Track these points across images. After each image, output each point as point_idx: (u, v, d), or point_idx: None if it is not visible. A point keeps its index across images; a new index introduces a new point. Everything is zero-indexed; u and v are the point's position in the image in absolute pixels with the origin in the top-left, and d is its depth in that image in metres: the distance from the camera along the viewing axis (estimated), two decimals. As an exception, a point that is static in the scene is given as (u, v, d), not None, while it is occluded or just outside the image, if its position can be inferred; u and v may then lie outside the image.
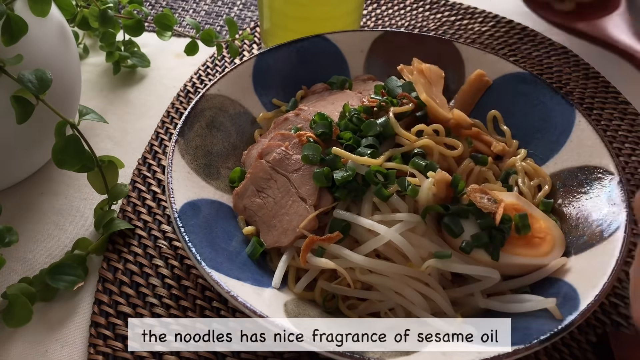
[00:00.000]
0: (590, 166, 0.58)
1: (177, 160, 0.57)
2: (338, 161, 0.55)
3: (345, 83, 0.69)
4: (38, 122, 0.56)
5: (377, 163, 0.54)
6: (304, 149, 0.57)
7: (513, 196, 0.56)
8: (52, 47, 0.60)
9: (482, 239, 0.51)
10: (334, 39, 0.72)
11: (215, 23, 0.95)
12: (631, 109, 0.79)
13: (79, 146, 0.55)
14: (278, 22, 0.78)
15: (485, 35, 0.90)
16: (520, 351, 0.44)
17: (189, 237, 0.51)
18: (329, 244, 0.51)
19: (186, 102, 0.78)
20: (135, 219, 0.63)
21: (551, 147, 0.63)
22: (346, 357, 0.44)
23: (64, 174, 0.68)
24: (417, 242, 0.51)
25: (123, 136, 0.74)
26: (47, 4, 0.58)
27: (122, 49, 0.83)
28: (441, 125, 0.59)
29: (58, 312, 0.56)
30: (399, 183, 0.53)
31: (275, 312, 0.47)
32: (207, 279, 0.48)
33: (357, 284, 0.52)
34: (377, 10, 0.96)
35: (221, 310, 0.55)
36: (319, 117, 0.59)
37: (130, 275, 0.58)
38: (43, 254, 0.61)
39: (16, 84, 0.53)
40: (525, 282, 0.53)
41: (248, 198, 0.58)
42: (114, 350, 0.52)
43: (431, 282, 0.51)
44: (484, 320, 0.50)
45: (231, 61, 0.85)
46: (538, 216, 0.55)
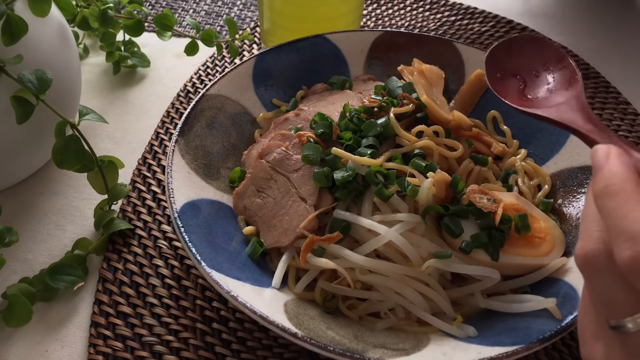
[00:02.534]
0: (590, 166, 0.58)
1: (177, 160, 0.57)
2: (338, 161, 0.55)
3: (345, 83, 0.69)
4: (38, 122, 0.56)
5: (377, 163, 0.54)
6: (304, 149, 0.57)
7: (513, 196, 0.56)
8: (52, 47, 0.60)
9: (482, 239, 0.51)
10: (334, 39, 0.72)
11: (215, 23, 0.95)
12: (631, 109, 0.79)
13: (79, 146, 0.55)
14: (278, 22, 0.78)
15: (485, 35, 0.90)
16: (520, 351, 0.44)
17: (189, 237, 0.51)
18: (329, 244, 0.51)
19: (186, 102, 0.78)
20: (135, 219, 0.63)
21: (551, 147, 0.63)
22: (346, 357, 0.44)
23: (64, 174, 0.68)
24: (417, 242, 0.51)
25: (123, 136, 0.74)
26: (47, 4, 0.58)
27: (122, 49, 0.83)
28: (441, 126, 0.59)
29: (58, 312, 0.56)
30: (398, 183, 0.53)
31: (275, 312, 0.47)
32: (207, 279, 0.48)
33: (357, 284, 0.52)
34: (377, 10, 0.96)
35: (221, 310, 0.55)
36: (319, 117, 0.59)
37: (130, 275, 0.58)
38: (43, 254, 0.61)
39: (16, 84, 0.53)
40: (525, 282, 0.53)
41: (248, 198, 0.58)
42: (114, 350, 0.52)
43: (431, 282, 0.51)
44: (484, 320, 0.51)
45: (231, 61, 0.85)
46: (538, 216, 0.55)
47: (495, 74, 0.56)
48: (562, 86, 0.52)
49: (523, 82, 0.55)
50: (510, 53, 0.57)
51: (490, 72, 0.56)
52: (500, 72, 0.57)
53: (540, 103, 0.52)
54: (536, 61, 0.56)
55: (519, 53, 0.57)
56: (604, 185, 0.34)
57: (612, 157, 0.35)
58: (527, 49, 0.57)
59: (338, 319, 0.51)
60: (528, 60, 0.56)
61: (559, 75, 0.54)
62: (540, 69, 0.55)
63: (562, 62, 0.54)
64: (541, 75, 0.55)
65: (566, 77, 0.53)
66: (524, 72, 0.56)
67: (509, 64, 0.57)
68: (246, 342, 0.53)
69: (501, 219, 0.51)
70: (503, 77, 0.56)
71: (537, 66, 0.56)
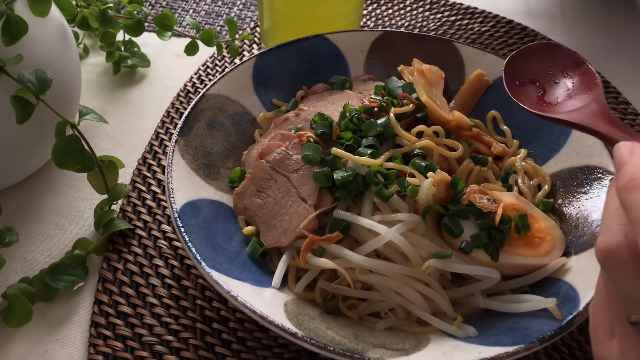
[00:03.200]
0: (590, 166, 0.58)
1: (177, 160, 0.57)
2: (338, 161, 0.55)
3: (345, 83, 0.69)
4: (38, 122, 0.56)
5: (377, 163, 0.54)
6: (304, 149, 0.57)
7: (513, 196, 0.56)
8: (52, 47, 0.60)
9: (482, 239, 0.51)
10: (334, 39, 0.72)
11: (215, 23, 0.95)
12: (631, 109, 0.79)
13: (79, 146, 0.55)
14: (278, 22, 0.78)
15: (485, 35, 0.90)
16: (520, 351, 0.44)
17: (189, 237, 0.51)
18: (329, 244, 0.51)
19: (186, 102, 0.78)
20: (135, 219, 0.63)
21: (551, 147, 0.63)
22: (346, 357, 0.44)
23: (64, 174, 0.68)
24: (417, 242, 0.51)
25: (123, 136, 0.74)
26: (47, 4, 0.58)
27: (122, 49, 0.83)
28: (441, 126, 0.59)
29: (58, 312, 0.56)
30: (398, 183, 0.53)
31: (275, 312, 0.47)
32: (207, 279, 0.48)
33: (357, 284, 0.52)
34: (377, 10, 0.96)
35: (221, 310, 0.55)
36: (319, 118, 0.59)
37: (130, 275, 0.58)
38: (43, 254, 0.61)
39: (16, 84, 0.53)
40: (525, 282, 0.53)
41: (248, 198, 0.58)
42: (114, 350, 0.52)
43: (431, 282, 0.51)
44: (484, 320, 0.51)
45: (231, 61, 0.85)
46: (538, 216, 0.55)
47: (514, 81, 0.57)
48: (581, 91, 0.53)
49: (542, 89, 0.56)
50: (527, 60, 0.58)
51: (509, 80, 0.57)
52: (519, 79, 0.57)
53: (560, 108, 0.53)
54: (555, 67, 0.56)
55: (537, 60, 0.57)
56: (628, 179, 0.34)
57: (637, 152, 0.36)
58: (545, 56, 0.57)
59: (338, 319, 0.51)
60: (546, 66, 0.57)
61: (578, 80, 0.54)
62: (559, 75, 0.56)
63: (581, 67, 0.55)
64: (560, 81, 0.55)
65: (585, 82, 0.53)
66: (543, 79, 0.57)
67: (527, 71, 0.57)
68: (246, 342, 0.53)
69: (501, 219, 0.51)
70: (522, 84, 0.57)
71: (555, 72, 0.56)
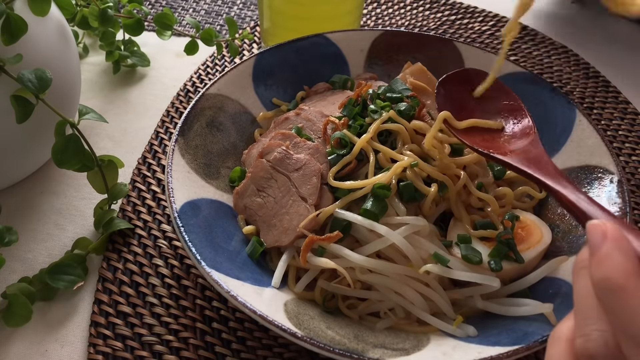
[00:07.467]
0: (590, 166, 0.58)
1: (177, 160, 0.57)
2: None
3: (347, 82, 0.69)
4: (38, 121, 0.55)
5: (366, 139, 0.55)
6: (334, 135, 0.56)
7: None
8: (52, 46, 0.60)
9: (503, 250, 0.52)
10: (334, 39, 0.72)
11: (215, 22, 0.95)
12: (631, 108, 0.78)
13: (79, 146, 0.55)
14: (278, 22, 0.78)
15: (485, 35, 0.90)
16: (520, 351, 0.44)
17: (189, 236, 0.51)
18: (329, 243, 0.51)
19: (186, 101, 0.78)
20: (135, 219, 0.63)
21: (551, 147, 0.63)
22: (346, 357, 0.44)
23: (64, 174, 0.68)
24: (418, 243, 0.51)
25: (123, 136, 0.74)
26: (47, 3, 0.58)
27: (122, 48, 0.83)
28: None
29: (58, 312, 0.56)
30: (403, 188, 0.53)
31: (275, 312, 0.47)
32: (207, 278, 0.48)
33: (357, 284, 0.52)
34: (377, 9, 0.96)
35: (221, 310, 0.55)
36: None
37: (130, 275, 0.58)
38: (43, 254, 0.60)
39: (16, 84, 0.53)
40: (524, 283, 0.52)
41: (248, 197, 0.58)
42: (114, 350, 0.52)
43: (432, 282, 0.51)
44: (484, 320, 0.51)
45: (231, 60, 0.85)
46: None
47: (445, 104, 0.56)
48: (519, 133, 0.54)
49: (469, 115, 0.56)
50: (460, 85, 0.57)
51: (441, 101, 0.56)
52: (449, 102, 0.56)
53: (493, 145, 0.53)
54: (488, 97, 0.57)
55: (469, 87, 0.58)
56: (604, 277, 0.31)
57: (610, 241, 0.32)
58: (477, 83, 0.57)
59: (338, 318, 0.51)
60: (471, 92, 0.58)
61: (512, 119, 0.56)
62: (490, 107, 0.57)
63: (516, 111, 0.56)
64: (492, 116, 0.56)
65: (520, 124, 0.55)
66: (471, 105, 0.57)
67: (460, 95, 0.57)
68: (246, 342, 0.53)
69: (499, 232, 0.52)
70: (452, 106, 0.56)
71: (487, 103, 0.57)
